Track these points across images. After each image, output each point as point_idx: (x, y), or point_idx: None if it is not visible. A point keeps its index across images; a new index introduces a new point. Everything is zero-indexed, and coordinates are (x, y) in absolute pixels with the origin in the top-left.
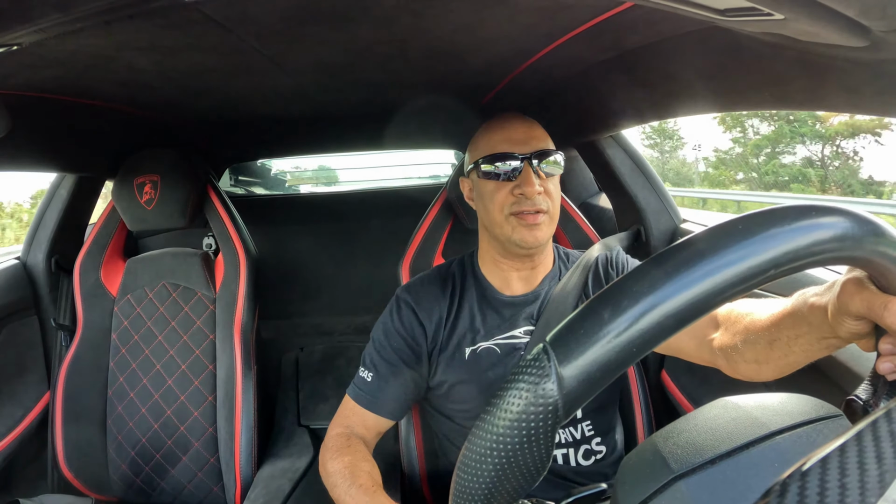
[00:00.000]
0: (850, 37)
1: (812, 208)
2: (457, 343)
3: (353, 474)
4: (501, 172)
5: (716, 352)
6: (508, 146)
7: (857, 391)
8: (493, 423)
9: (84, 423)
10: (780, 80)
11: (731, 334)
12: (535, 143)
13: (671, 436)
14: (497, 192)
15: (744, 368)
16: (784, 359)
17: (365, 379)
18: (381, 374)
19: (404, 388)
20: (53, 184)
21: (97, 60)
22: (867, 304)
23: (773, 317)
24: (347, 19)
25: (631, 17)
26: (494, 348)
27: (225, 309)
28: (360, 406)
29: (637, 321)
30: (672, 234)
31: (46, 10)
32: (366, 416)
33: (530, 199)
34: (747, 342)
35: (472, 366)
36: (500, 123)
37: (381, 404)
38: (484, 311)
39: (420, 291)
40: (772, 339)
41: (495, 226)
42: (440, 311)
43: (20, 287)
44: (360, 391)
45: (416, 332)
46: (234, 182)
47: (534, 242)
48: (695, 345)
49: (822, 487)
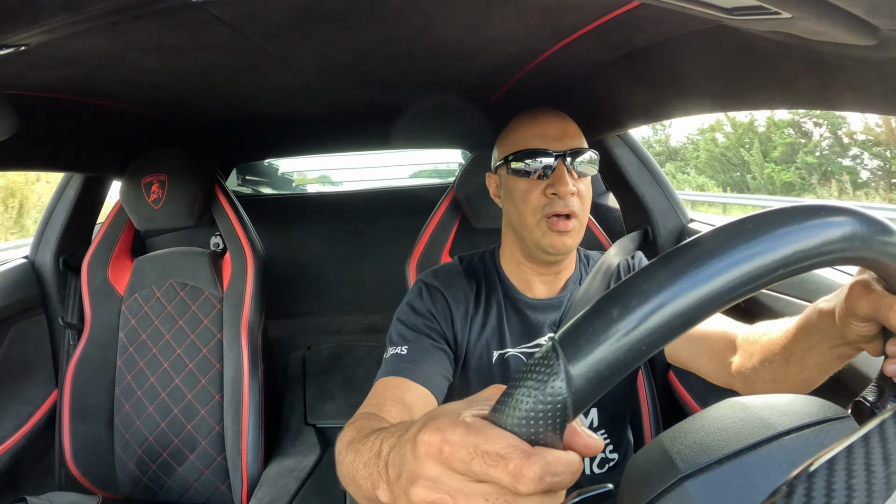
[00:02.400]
0: (858, 35)
1: (821, 208)
2: (485, 344)
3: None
4: (533, 170)
5: (733, 374)
6: (542, 142)
7: (865, 393)
8: (502, 422)
9: (91, 421)
10: (787, 78)
11: (749, 355)
12: (569, 140)
13: (678, 436)
14: (529, 193)
15: (761, 388)
16: (800, 374)
17: (399, 353)
18: (416, 345)
19: (441, 363)
20: (61, 183)
21: (105, 60)
22: (874, 306)
23: (787, 332)
24: (354, 19)
25: (638, 15)
26: (521, 357)
27: (232, 308)
28: (399, 378)
29: (646, 320)
30: (679, 233)
31: (54, 10)
32: (404, 392)
33: (563, 199)
34: (764, 361)
35: (499, 372)
36: (532, 118)
37: (423, 374)
38: (509, 313)
39: (448, 278)
40: (787, 355)
41: (525, 228)
42: (466, 304)
43: (28, 286)
44: (396, 365)
45: (447, 315)
46: (242, 182)
47: (563, 249)
48: (713, 366)
49: (829, 489)
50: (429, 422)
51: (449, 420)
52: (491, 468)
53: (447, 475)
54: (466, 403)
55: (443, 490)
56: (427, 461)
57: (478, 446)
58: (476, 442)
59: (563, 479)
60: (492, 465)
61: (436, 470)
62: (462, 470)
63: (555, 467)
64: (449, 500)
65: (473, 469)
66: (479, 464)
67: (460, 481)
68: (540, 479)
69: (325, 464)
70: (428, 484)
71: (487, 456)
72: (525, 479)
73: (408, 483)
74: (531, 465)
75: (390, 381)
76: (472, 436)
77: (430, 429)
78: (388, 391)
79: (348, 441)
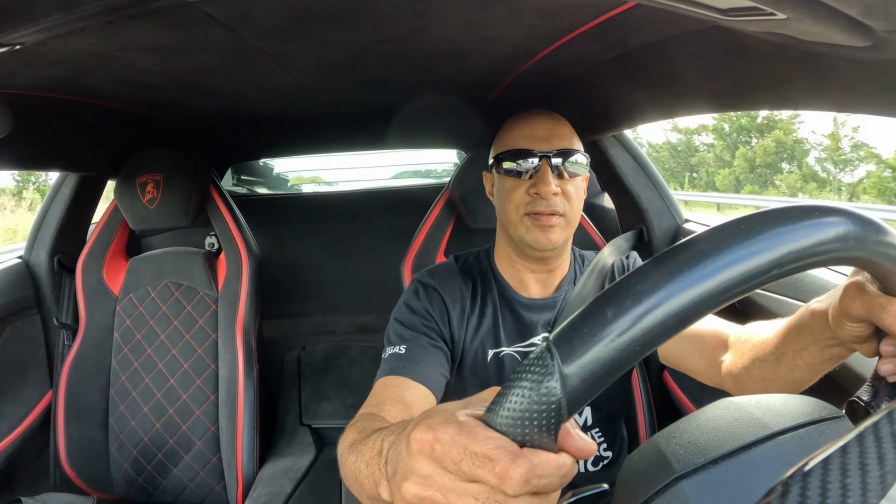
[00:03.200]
0: (853, 37)
1: (815, 208)
2: (480, 343)
3: (363, 436)
4: (522, 170)
5: (724, 374)
6: (529, 143)
7: (859, 392)
8: (494, 423)
9: (86, 421)
10: (782, 79)
11: (740, 354)
12: (557, 141)
13: (673, 436)
14: (514, 191)
15: (751, 388)
16: (790, 375)
17: (397, 352)
18: (414, 344)
19: (439, 362)
20: (56, 183)
21: (100, 60)
22: (867, 307)
23: (778, 333)
24: (349, 18)
25: (633, 16)
26: (516, 356)
27: (227, 308)
28: (398, 377)
29: (640, 320)
30: (674, 233)
31: (49, 9)
32: (404, 391)
33: (545, 199)
34: (755, 361)
35: (494, 371)
36: (524, 118)
37: (421, 372)
38: (504, 313)
39: (444, 277)
40: (778, 355)
41: (510, 224)
42: (462, 303)
43: (23, 286)
44: (394, 365)
45: (443, 314)
46: (237, 181)
47: (547, 245)
48: (705, 365)
49: (824, 488)
50: (423, 420)
51: (442, 419)
52: (478, 468)
53: (439, 473)
54: (464, 404)
55: (434, 488)
56: (420, 458)
57: (467, 446)
58: (466, 442)
59: (550, 482)
60: (479, 466)
61: (428, 467)
62: (453, 469)
63: (541, 469)
64: (440, 498)
65: (463, 468)
66: (468, 464)
67: (452, 480)
68: (525, 482)
69: (321, 464)
70: (420, 481)
71: (475, 456)
72: (510, 480)
73: (401, 479)
74: (517, 467)
75: (389, 381)
76: (462, 435)
77: (423, 427)
78: (387, 391)
79: (350, 442)
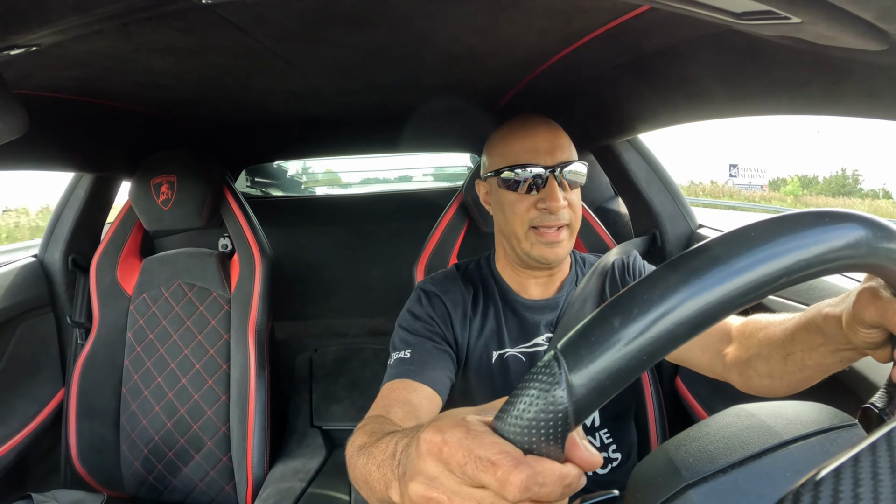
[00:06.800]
0: (868, 41)
1: (826, 214)
2: (484, 345)
3: (374, 439)
4: (524, 183)
5: (729, 366)
6: (532, 156)
7: (874, 399)
8: (502, 429)
9: (98, 420)
10: (797, 84)
11: (745, 349)
12: (559, 153)
13: (683, 443)
14: (518, 204)
15: (757, 384)
16: (798, 373)
17: (402, 357)
18: (418, 349)
19: (444, 364)
20: (71, 183)
21: (115, 62)
22: (881, 313)
23: (787, 330)
24: (363, 21)
25: (647, 20)
26: (520, 356)
27: (240, 309)
28: (404, 380)
29: (648, 329)
30: (688, 238)
31: (65, 12)
32: (410, 393)
33: (554, 213)
34: (761, 357)
35: (499, 372)
36: (522, 129)
37: (427, 374)
38: (507, 314)
39: (445, 284)
40: (786, 353)
41: (513, 238)
42: (464, 307)
43: (37, 284)
44: (400, 369)
45: (446, 319)
46: (251, 183)
47: (554, 259)
48: (707, 358)
49: (835, 498)
50: (434, 422)
51: (452, 422)
52: (481, 472)
53: (445, 475)
54: (476, 410)
55: (439, 489)
56: (428, 459)
57: (472, 450)
58: (472, 445)
59: (551, 491)
60: (482, 470)
61: (436, 469)
62: (458, 472)
63: (543, 477)
64: (444, 500)
65: (467, 472)
66: (472, 467)
67: (457, 483)
68: (525, 488)
69: (331, 466)
70: (426, 481)
71: (479, 460)
72: (511, 485)
73: (409, 479)
74: (518, 473)
75: (396, 384)
76: (468, 439)
77: (433, 429)
78: (393, 394)
79: (360, 445)
